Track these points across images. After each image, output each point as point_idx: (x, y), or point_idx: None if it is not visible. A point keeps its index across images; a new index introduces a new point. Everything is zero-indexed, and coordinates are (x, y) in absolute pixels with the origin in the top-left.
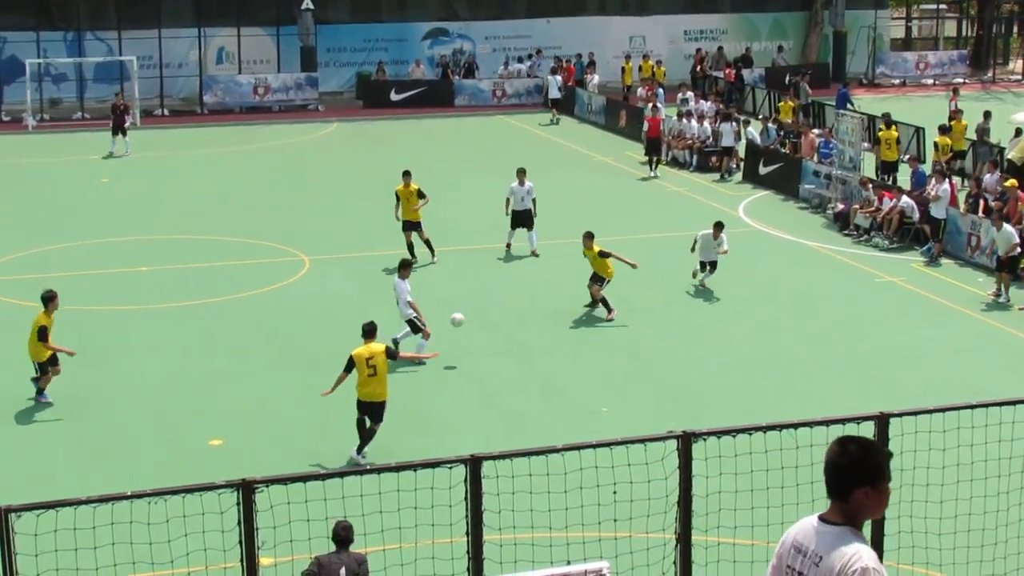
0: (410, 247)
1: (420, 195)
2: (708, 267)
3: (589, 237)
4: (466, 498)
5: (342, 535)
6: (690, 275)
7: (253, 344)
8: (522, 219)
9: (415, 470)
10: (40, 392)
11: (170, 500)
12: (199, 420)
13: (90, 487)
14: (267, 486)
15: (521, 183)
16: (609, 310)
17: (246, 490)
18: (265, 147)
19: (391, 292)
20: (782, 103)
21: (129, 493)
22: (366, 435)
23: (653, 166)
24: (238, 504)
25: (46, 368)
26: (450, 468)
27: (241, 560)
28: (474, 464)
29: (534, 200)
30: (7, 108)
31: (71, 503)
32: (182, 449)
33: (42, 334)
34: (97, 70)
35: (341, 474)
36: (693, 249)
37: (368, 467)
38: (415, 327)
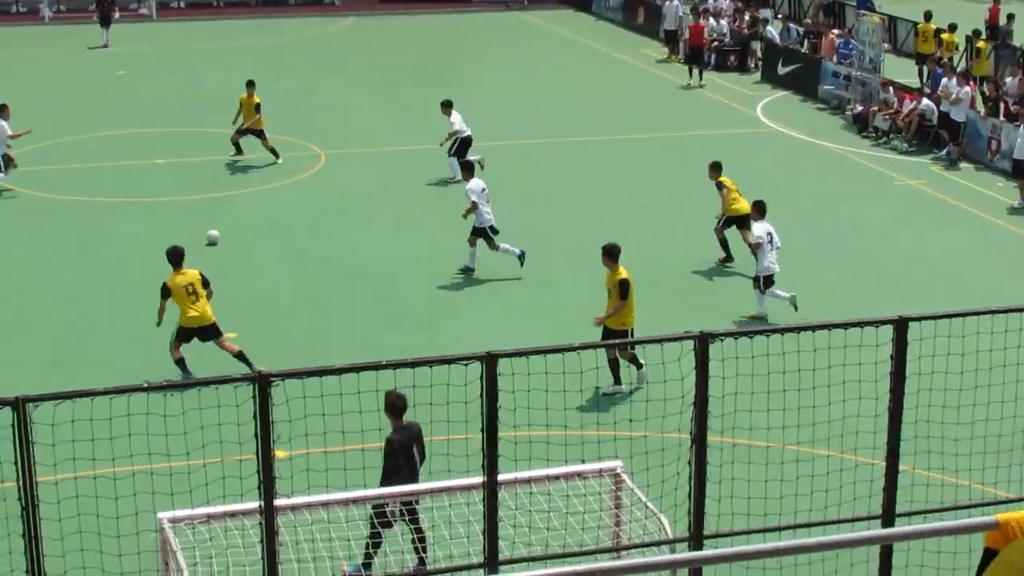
0: (237, 146)
1: (258, 108)
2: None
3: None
4: (481, 395)
5: (400, 404)
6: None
7: (268, 238)
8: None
9: (431, 366)
10: None
11: (186, 393)
12: (215, 313)
13: (105, 379)
14: (283, 380)
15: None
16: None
17: (262, 383)
18: (281, 41)
19: (405, 189)
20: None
21: (146, 385)
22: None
23: (697, 76)
24: (254, 398)
25: None
26: (466, 365)
27: (257, 453)
28: (490, 361)
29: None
30: None
31: (88, 394)
32: (196, 342)
33: None
34: None
35: (357, 369)
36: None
37: (384, 362)
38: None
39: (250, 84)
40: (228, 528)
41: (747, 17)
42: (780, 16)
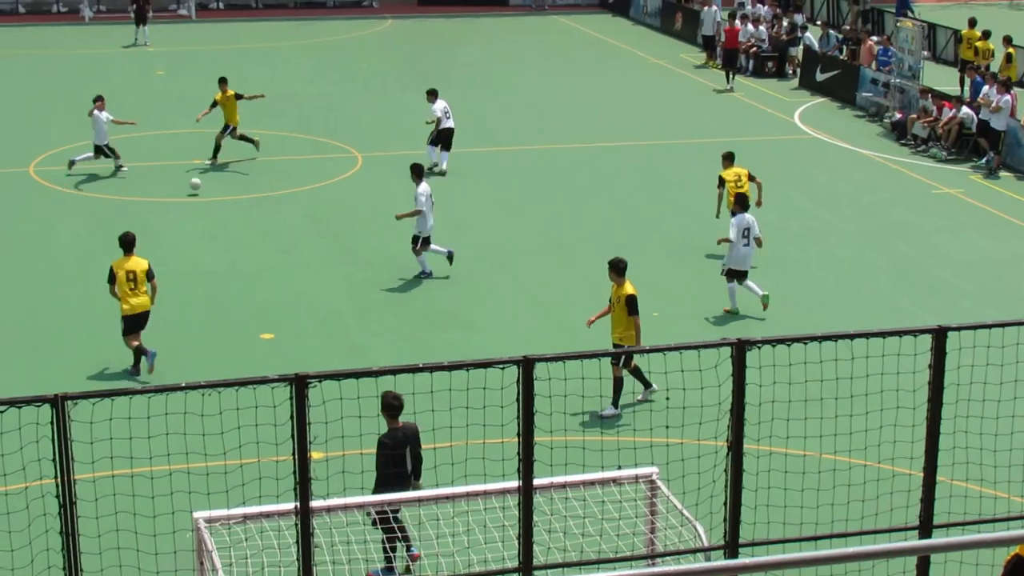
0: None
1: (238, 96)
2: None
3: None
4: (518, 399)
5: (396, 404)
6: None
7: (305, 239)
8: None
9: (467, 370)
10: None
11: (223, 392)
12: (251, 313)
13: (143, 377)
14: (320, 381)
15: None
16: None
17: (299, 384)
18: (320, 43)
19: (441, 191)
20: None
21: (184, 384)
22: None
23: (730, 78)
24: (291, 398)
25: None
26: (502, 368)
27: (293, 454)
28: (527, 365)
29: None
30: None
31: (126, 392)
32: (234, 341)
33: None
34: None
35: (393, 371)
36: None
37: (421, 365)
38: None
39: (222, 81)
40: (263, 529)
41: (785, 23)
42: (819, 23)
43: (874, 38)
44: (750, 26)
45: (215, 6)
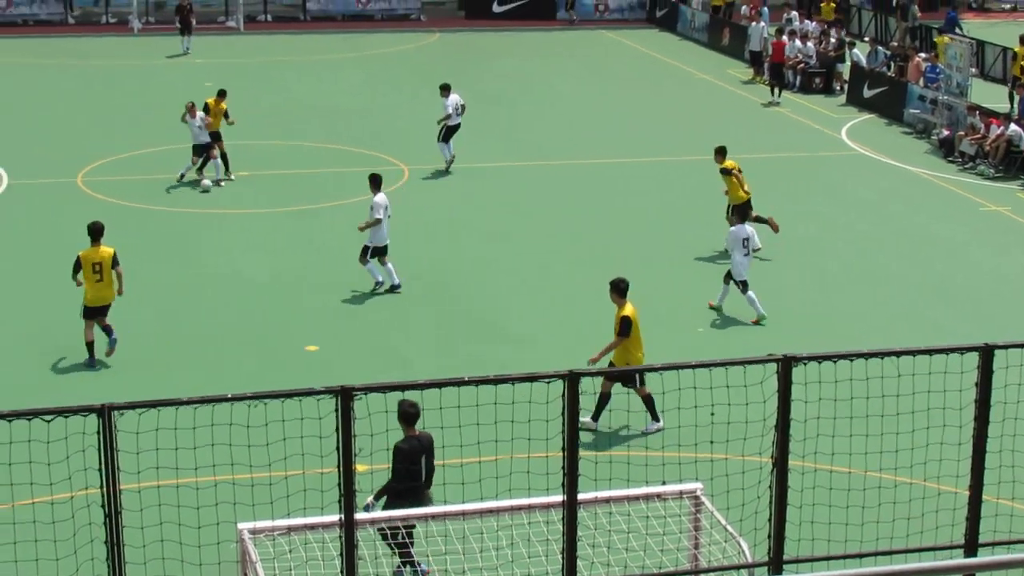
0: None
1: (226, 115)
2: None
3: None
4: (563, 414)
5: (412, 412)
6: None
7: (350, 251)
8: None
9: (513, 383)
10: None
11: (269, 404)
12: (296, 325)
13: (187, 388)
14: (365, 394)
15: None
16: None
17: (345, 397)
18: (367, 56)
19: (488, 204)
20: (824, 3)
21: (230, 396)
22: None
23: (775, 92)
24: (337, 411)
25: None
26: (548, 383)
27: (338, 466)
28: (572, 379)
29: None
30: (113, 10)
31: (172, 403)
32: (279, 353)
33: None
34: None
35: (438, 384)
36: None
37: (467, 378)
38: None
39: (221, 93)
40: (308, 541)
41: (833, 39)
42: (867, 39)
43: (922, 55)
44: (797, 42)
45: (263, 18)
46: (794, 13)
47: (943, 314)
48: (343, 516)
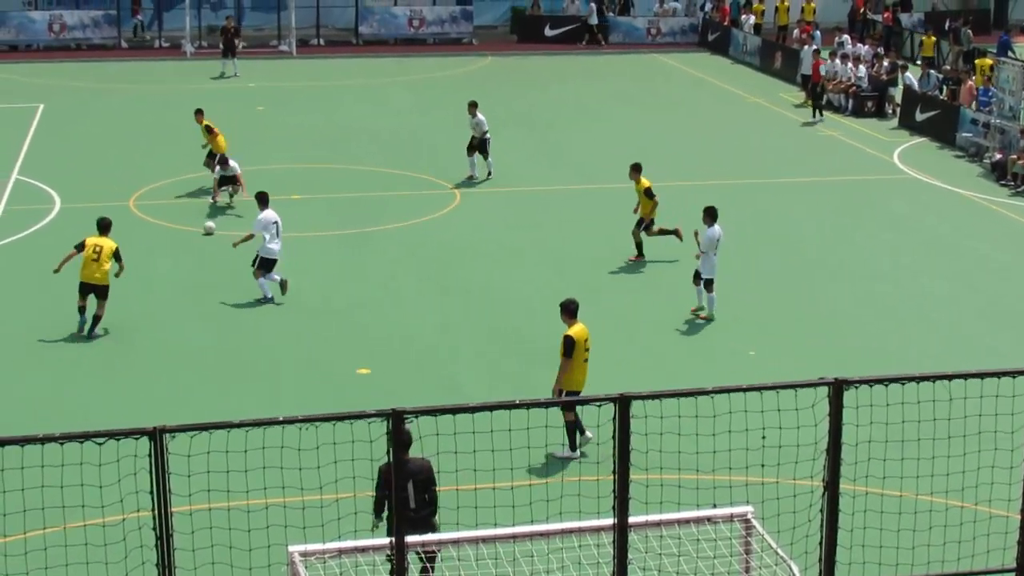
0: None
1: (209, 130)
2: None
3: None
4: (614, 436)
5: (404, 439)
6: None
7: (401, 275)
8: (479, 147)
9: (564, 407)
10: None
11: (320, 427)
12: (347, 348)
13: (238, 410)
14: (416, 416)
15: (472, 115)
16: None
17: (396, 419)
18: (419, 79)
19: (539, 227)
20: (925, 38)
21: (281, 418)
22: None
23: (816, 113)
24: (388, 433)
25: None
26: (599, 406)
27: (390, 488)
28: (623, 403)
29: (484, 134)
30: (167, 34)
31: (224, 426)
32: (330, 376)
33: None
34: None
35: (490, 407)
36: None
37: (518, 402)
38: None
39: (198, 111)
40: (358, 563)
41: (886, 63)
42: (920, 62)
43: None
44: (850, 65)
45: (315, 43)
46: (846, 36)
47: (995, 338)
48: (394, 539)
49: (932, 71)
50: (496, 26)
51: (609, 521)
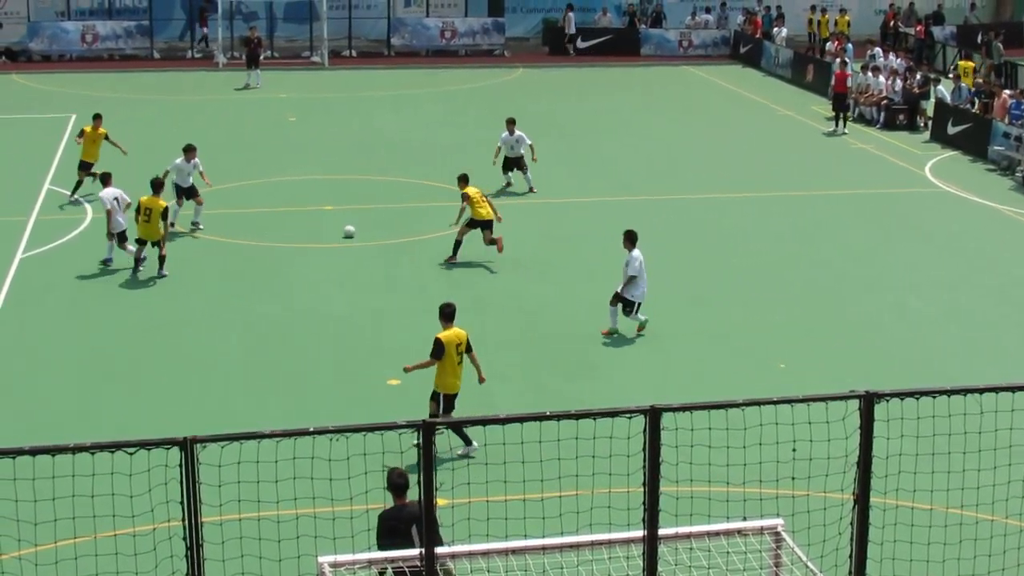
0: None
1: (106, 138)
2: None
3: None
4: (644, 448)
5: (401, 483)
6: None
7: (432, 286)
8: (515, 164)
9: (594, 419)
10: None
11: (351, 437)
12: (378, 359)
13: (268, 421)
14: (447, 428)
15: (511, 132)
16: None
17: (427, 431)
18: (450, 91)
19: (573, 238)
20: (962, 62)
21: (312, 429)
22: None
23: (840, 122)
24: (418, 444)
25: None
26: (629, 418)
27: (419, 500)
28: (654, 415)
29: (530, 146)
30: (199, 45)
31: (255, 436)
32: (361, 387)
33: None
34: (287, 9)
35: (520, 419)
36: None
37: (548, 413)
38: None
39: (96, 117)
40: (389, 574)
41: (918, 76)
42: (952, 75)
43: (1007, 91)
44: (882, 77)
45: (347, 54)
46: (877, 49)
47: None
48: (424, 550)
49: (964, 84)
50: (528, 38)
51: (639, 533)
